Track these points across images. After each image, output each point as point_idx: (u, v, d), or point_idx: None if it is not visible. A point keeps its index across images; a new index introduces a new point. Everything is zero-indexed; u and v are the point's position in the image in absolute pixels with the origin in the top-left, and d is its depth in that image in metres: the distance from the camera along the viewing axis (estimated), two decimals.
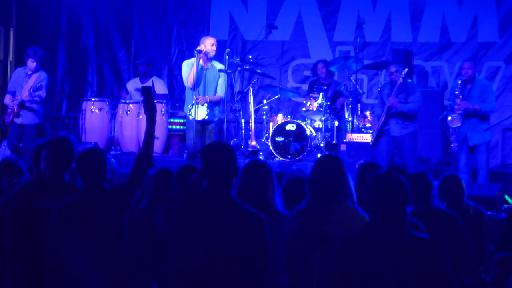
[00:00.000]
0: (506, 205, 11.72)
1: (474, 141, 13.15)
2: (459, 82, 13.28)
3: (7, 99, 14.27)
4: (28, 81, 14.15)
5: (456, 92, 13.20)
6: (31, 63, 14.17)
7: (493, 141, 14.95)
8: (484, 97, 13.18)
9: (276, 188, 6.70)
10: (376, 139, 13.38)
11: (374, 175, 5.39)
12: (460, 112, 13.07)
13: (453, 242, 6.83)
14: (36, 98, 14.02)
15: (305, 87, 16.55)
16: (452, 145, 13.55)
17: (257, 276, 5.42)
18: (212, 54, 13.46)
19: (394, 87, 13.25)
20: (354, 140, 14.30)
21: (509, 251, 5.35)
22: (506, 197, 12.12)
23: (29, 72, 14.22)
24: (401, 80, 13.26)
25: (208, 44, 13.48)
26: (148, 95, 6.68)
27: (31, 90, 13.97)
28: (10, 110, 14.06)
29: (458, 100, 13.14)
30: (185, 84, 13.80)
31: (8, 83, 14.72)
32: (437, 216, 7.11)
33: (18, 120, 14.13)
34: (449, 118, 13.23)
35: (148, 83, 15.67)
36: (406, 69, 13.44)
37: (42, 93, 14.09)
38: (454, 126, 13.15)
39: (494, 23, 16.56)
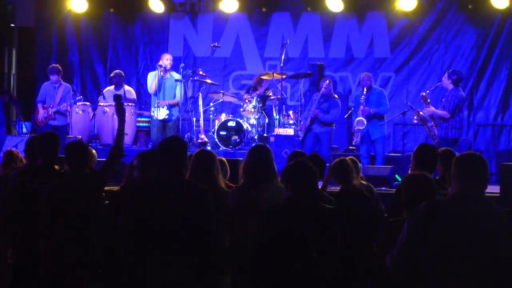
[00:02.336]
0: (396, 182, 11.83)
1: (374, 135, 13.38)
2: (364, 91, 13.40)
3: (40, 107, 14.43)
4: (58, 92, 14.38)
5: (361, 99, 13.35)
6: (53, 77, 14.38)
7: (386, 133, 15.07)
8: (380, 102, 13.41)
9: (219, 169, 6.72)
10: (304, 136, 13.54)
11: (292, 162, 5.45)
12: (364, 116, 13.26)
13: (363, 215, 6.87)
14: (68, 107, 14.35)
15: (242, 92, 16.53)
16: (354, 140, 13.71)
17: (203, 233, 5.43)
18: (169, 66, 13.48)
19: (325, 97, 13.43)
20: (280, 134, 14.34)
21: (398, 216, 5.39)
22: (397, 176, 12.23)
23: (56, 85, 14.39)
24: (323, 89, 13.38)
25: (164, 59, 13.59)
26: (119, 101, 6.67)
27: (69, 101, 14.37)
28: (46, 115, 14.06)
29: (361, 107, 13.31)
30: (149, 91, 13.77)
31: (38, 94, 14.83)
32: (355, 195, 7.12)
33: (54, 123, 14.36)
34: (356, 120, 13.39)
35: (120, 91, 15.61)
36: (327, 80, 13.56)
37: (72, 100, 14.44)
38: (360, 128, 13.33)
39: (386, 43, 16.66)
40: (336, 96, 13.84)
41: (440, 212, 4.42)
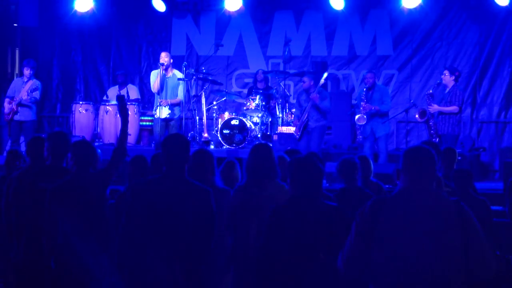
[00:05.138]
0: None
1: (378, 133, 13.32)
2: (364, 89, 13.42)
3: (6, 102, 14.20)
4: (24, 86, 14.11)
5: (362, 97, 13.35)
6: (26, 71, 14.16)
7: (390, 131, 15.10)
8: (383, 100, 13.37)
9: (216, 169, 6.77)
10: (301, 134, 13.41)
11: (295, 159, 5.46)
12: (365, 113, 13.24)
13: None
14: (32, 99, 13.98)
15: (245, 91, 16.59)
16: (358, 137, 13.73)
17: (205, 233, 5.46)
18: (166, 62, 13.52)
19: (308, 93, 13.28)
20: (284, 132, 14.38)
21: None
22: None
23: (25, 80, 14.18)
24: (304, 85, 13.35)
25: (163, 57, 13.61)
26: (121, 101, 6.70)
27: (29, 91, 13.95)
28: (9, 110, 13.98)
29: (363, 103, 13.29)
30: (152, 90, 13.82)
31: (8, 89, 14.64)
32: (358, 193, 7.17)
33: (17, 117, 14.05)
34: (356, 117, 13.38)
35: (124, 90, 15.65)
36: (322, 82, 13.46)
37: (37, 94, 14.09)
38: (360, 123, 13.35)
39: (389, 40, 16.69)
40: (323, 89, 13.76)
41: (386, 209, 4.44)
